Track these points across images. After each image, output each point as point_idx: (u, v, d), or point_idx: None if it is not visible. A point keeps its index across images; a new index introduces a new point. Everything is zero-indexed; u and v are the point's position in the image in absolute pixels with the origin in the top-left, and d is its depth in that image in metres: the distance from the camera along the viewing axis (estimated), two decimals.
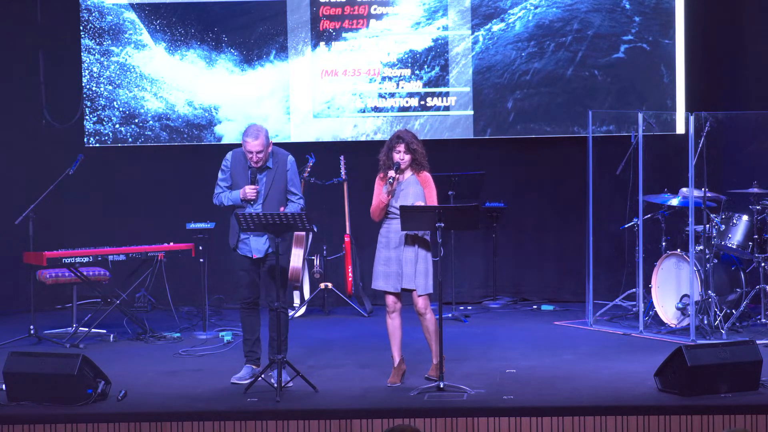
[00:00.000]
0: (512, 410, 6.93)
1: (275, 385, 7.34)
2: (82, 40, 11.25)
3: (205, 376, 8.13)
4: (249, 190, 7.70)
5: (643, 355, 8.46)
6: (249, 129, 7.70)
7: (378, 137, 11.20)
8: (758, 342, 7.66)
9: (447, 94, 11.26)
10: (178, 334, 9.69)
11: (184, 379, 8.04)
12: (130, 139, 11.35)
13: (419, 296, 7.65)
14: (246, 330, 7.96)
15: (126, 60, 11.30)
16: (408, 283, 7.64)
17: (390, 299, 7.70)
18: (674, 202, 9.77)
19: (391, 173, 7.58)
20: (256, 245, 7.77)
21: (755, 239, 9.48)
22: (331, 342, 9.51)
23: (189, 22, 11.27)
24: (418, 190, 7.68)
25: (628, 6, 11.17)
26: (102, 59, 11.28)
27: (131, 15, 11.27)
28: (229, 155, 7.89)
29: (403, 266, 7.63)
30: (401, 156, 7.63)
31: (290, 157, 7.87)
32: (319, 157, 10.88)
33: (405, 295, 7.74)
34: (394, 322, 7.74)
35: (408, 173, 7.71)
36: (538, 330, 10.00)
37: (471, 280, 11.59)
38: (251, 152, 7.65)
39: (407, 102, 11.30)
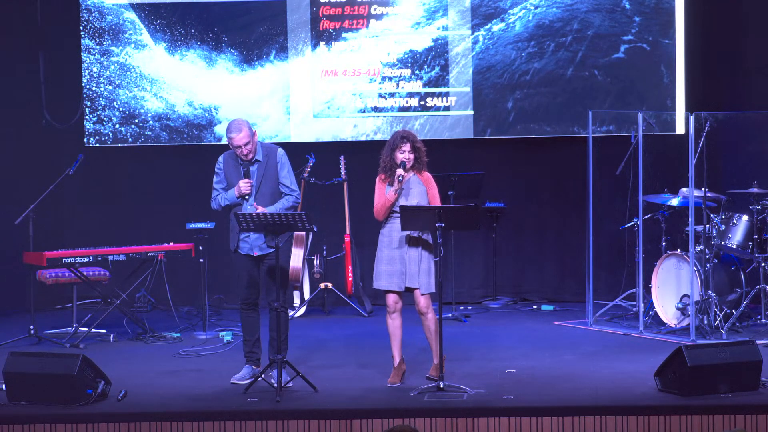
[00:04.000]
0: (512, 410, 6.93)
1: (275, 385, 7.34)
2: (82, 40, 11.26)
3: (205, 376, 8.13)
4: (243, 185, 7.72)
5: (643, 355, 8.46)
6: (230, 126, 7.76)
7: (378, 137, 11.21)
8: (758, 342, 7.66)
9: (447, 94, 11.26)
10: (178, 334, 9.69)
11: (184, 379, 8.04)
12: (130, 139, 11.35)
13: (422, 295, 7.65)
14: (246, 330, 7.95)
15: (126, 60, 11.30)
16: (412, 282, 7.64)
17: (391, 299, 7.70)
18: (674, 202, 9.77)
19: (400, 171, 7.59)
20: (257, 242, 7.77)
21: (755, 239, 9.48)
22: (331, 342, 9.51)
23: (189, 22, 11.27)
24: (421, 189, 7.69)
25: (628, 6, 11.17)
26: (102, 59, 11.29)
27: (131, 15, 11.27)
28: (220, 158, 7.92)
29: (407, 265, 7.64)
30: (406, 156, 7.64)
31: (280, 150, 7.89)
32: (319, 157, 10.88)
33: (405, 295, 7.74)
34: (394, 322, 7.74)
35: (410, 173, 7.72)
36: (538, 330, 10.00)
37: (471, 280, 11.59)
38: (239, 146, 7.69)
39: (407, 102, 11.30)
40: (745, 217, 9.55)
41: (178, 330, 9.85)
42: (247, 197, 7.75)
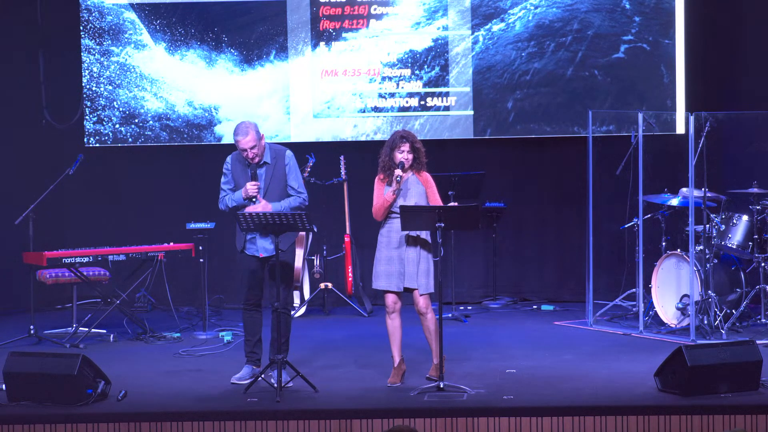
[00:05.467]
0: (512, 410, 6.93)
1: (275, 385, 7.34)
2: (82, 40, 11.26)
3: (205, 376, 8.13)
4: (250, 187, 7.71)
5: (643, 355, 8.46)
6: (237, 128, 7.74)
7: (378, 137, 11.21)
8: (758, 342, 7.65)
9: (447, 94, 11.27)
10: (178, 334, 9.69)
11: (184, 379, 8.04)
12: (130, 139, 11.35)
13: (421, 296, 7.65)
14: (248, 331, 7.95)
15: (126, 60, 11.31)
16: (410, 282, 7.64)
17: (390, 299, 7.70)
18: (674, 202, 9.77)
19: (399, 172, 7.58)
20: (263, 244, 7.77)
21: (755, 239, 9.48)
22: (331, 342, 9.51)
23: (189, 22, 11.28)
24: (420, 189, 7.69)
25: (628, 6, 11.17)
26: (102, 59, 11.29)
27: (131, 15, 11.28)
28: (228, 158, 7.91)
29: (405, 265, 7.63)
30: (405, 155, 7.64)
31: (288, 152, 7.88)
32: (319, 157, 10.88)
33: (405, 296, 7.74)
34: (394, 323, 7.74)
35: (409, 173, 7.72)
36: (538, 330, 10.00)
37: (471, 280, 11.59)
38: (245, 149, 7.69)
39: (407, 102, 11.30)
40: (745, 217, 9.56)
41: (178, 330, 9.85)
42: (253, 199, 7.74)
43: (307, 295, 10.93)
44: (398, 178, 7.58)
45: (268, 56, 11.31)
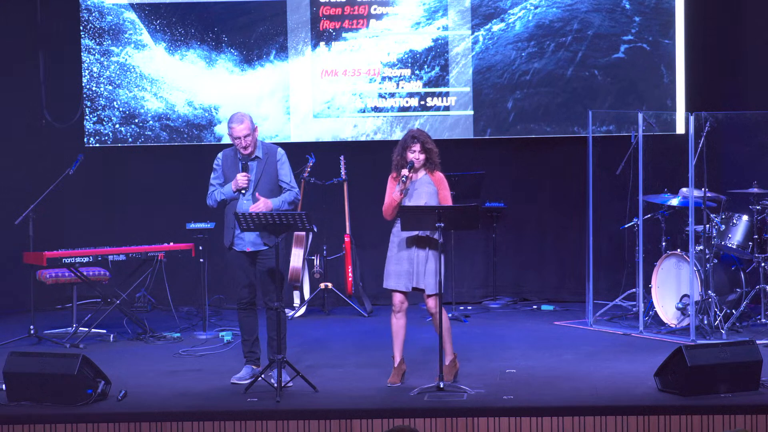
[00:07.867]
0: (512, 410, 6.93)
1: (275, 385, 7.34)
2: (82, 40, 11.26)
3: (205, 376, 8.13)
4: (241, 178, 7.72)
5: (643, 355, 8.46)
6: (232, 117, 7.78)
7: (378, 137, 11.21)
8: (758, 342, 7.65)
9: (447, 94, 11.26)
10: (178, 334, 9.69)
11: (184, 379, 8.04)
12: (130, 139, 11.35)
13: (428, 296, 7.65)
14: (244, 330, 7.95)
15: (126, 60, 11.30)
16: (419, 282, 7.64)
17: (397, 298, 7.69)
18: (674, 202, 9.77)
19: (404, 171, 7.59)
20: (250, 238, 7.77)
21: (755, 239, 9.48)
22: (331, 342, 9.51)
23: (189, 22, 11.28)
24: (431, 189, 7.69)
25: (628, 6, 11.17)
26: (102, 59, 11.29)
27: (131, 15, 11.28)
28: (219, 154, 7.94)
29: (414, 265, 7.64)
30: (416, 155, 7.64)
31: (280, 149, 7.91)
32: (319, 157, 10.88)
33: (411, 296, 7.73)
34: (399, 322, 7.73)
35: (421, 173, 7.71)
36: (538, 330, 10.00)
37: (471, 280, 11.59)
38: (239, 137, 7.70)
39: (407, 102, 11.30)
40: (745, 217, 9.56)
41: (178, 330, 9.85)
42: (243, 191, 7.75)
43: (307, 295, 10.93)
44: (404, 178, 7.58)
45: (268, 56, 11.31)
